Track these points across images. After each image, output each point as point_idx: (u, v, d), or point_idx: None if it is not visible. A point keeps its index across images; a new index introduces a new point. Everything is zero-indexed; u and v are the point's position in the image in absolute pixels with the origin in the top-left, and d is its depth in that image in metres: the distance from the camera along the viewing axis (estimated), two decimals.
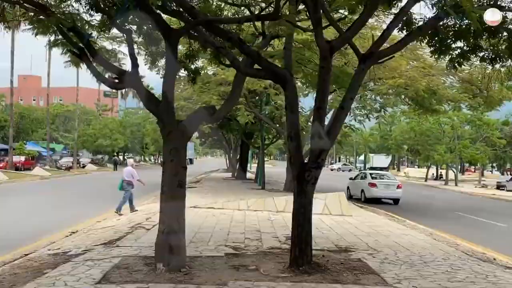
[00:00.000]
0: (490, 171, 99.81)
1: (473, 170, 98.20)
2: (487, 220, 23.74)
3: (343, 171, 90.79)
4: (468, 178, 77.17)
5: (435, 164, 68.71)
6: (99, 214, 19.57)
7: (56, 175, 51.18)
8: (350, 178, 35.16)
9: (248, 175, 49.93)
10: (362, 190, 30.74)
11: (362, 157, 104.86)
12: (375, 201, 29.09)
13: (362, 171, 47.40)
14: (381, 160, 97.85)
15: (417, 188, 49.53)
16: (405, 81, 22.35)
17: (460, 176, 70.82)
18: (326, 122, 12.69)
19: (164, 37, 10.18)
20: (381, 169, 68.41)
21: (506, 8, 9.04)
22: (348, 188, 33.15)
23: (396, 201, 30.23)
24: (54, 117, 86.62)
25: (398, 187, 30.42)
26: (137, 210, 19.74)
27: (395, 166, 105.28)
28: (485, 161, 67.21)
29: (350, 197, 30.26)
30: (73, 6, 9.95)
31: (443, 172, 68.16)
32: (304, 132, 26.14)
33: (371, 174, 33.33)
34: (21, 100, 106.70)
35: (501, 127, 66.78)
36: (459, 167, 73.40)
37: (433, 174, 74.49)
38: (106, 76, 11.51)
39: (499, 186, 53.73)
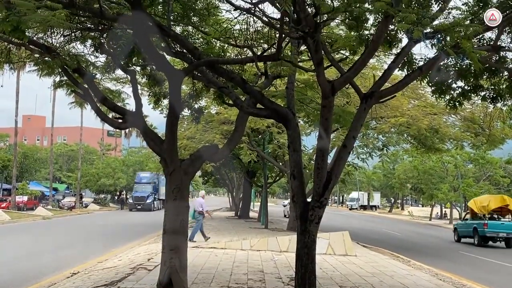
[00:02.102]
0: None
1: None
2: (493, 260, 23.43)
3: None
4: None
5: (439, 203, 68.26)
6: (101, 254, 19.40)
7: (58, 215, 50.94)
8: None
9: (251, 214, 49.61)
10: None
11: (353, 195, 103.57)
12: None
13: None
14: (364, 196, 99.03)
15: (422, 228, 49.11)
16: (407, 119, 22.45)
17: (464, 214, 70.18)
18: (329, 161, 12.70)
19: (168, 78, 10.30)
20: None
21: (506, 48, 9.15)
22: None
23: None
24: (58, 157, 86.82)
25: None
26: (209, 237, 22.14)
27: (398, 205, 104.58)
28: None
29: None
30: (78, 48, 10.10)
31: (447, 211, 67.65)
32: (307, 171, 26.11)
33: None
34: (25, 139, 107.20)
35: (504, 166, 66.54)
36: (463, 205, 72.79)
37: (437, 213, 73.90)
38: (110, 116, 11.60)
39: None
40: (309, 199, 9.90)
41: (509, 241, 30.04)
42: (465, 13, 8.55)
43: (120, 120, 10.57)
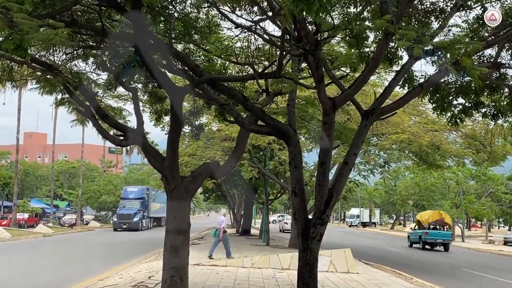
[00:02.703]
0: (496, 226, 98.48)
1: (479, 225, 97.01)
2: (496, 277, 23.26)
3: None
4: (475, 234, 76.14)
5: None
6: (101, 272, 19.29)
7: (59, 232, 50.72)
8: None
9: (253, 231, 49.38)
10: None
11: (352, 211, 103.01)
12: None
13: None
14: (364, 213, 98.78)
15: None
16: (408, 136, 22.46)
17: (467, 231, 69.94)
18: (330, 177, 12.69)
19: (169, 95, 10.34)
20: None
21: (506, 65, 9.19)
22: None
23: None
24: (59, 174, 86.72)
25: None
26: (233, 257, 22.09)
27: (401, 222, 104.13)
28: (491, 217, 66.46)
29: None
30: (80, 66, 10.16)
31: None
32: (308, 187, 26.06)
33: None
34: (27, 157, 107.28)
35: (506, 183, 66.40)
36: (465, 222, 72.53)
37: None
38: (111, 133, 11.62)
39: (507, 242, 52.87)
40: (310, 216, 9.87)
41: (445, 245, 40.15)
42: (465, 30, 8.60)
43: (121, 137, 10.58)
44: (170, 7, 9.87)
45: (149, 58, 9.17)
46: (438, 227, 41.29)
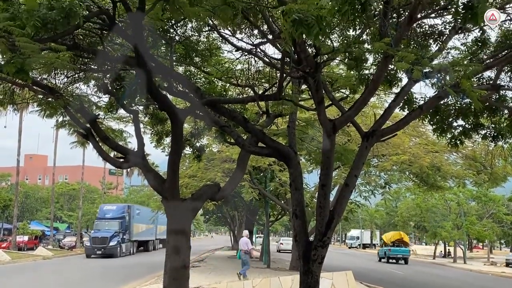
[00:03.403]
0: (498, 247, 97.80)
1: (481, 247, 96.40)
2: None
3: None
4: (477, 255, 75.59)
5: (442, 241, 67.60)
6: None
7: (59, 255, 50.37)
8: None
9: (253, 253, 49.04)
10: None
11: (352, 233, 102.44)
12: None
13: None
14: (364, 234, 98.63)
15: (426, 267, 48.45)
16: (409, 157, 22.45)
17: (469, 253, 69.43)
18: (331, 199, 12.65)
19: (170, 117, 10.37)
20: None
21: (506, 87, 9.23)
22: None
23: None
24: (59, 196, 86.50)
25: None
26: (247, 278, 21.86)
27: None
28: (493, 238, 66.10)
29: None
30: (81, 88, 10.23)
31: (451, 249, 66.92)
32: (309, 209, 25.97)
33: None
34: (27, 179, 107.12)
35: (507, 203, 66.16)
36: (467, 244, 72.09)
37: (441, 251, 73.09)
38: (112, 155, 11.63)
39: (509, 264, 52.50)
40: (311, 238, 9.82)
41: (405, 259, 50.01)
42: (464, 52, 8.66)
43: (122, 160, 10.59)
44: (171, 30, 9.97)
45: (150, 80, 9.22)
46: (398, 244, 51.09)
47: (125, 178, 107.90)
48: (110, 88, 10.34)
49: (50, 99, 9.58)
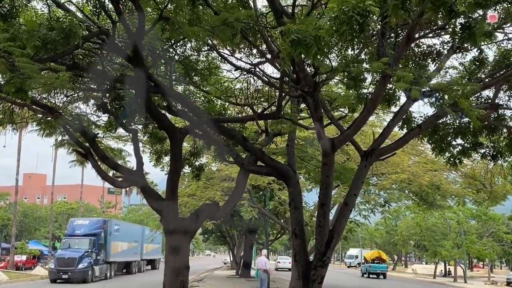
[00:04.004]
0: (499, 266, 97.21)
1: (481, 266, 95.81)
2: None
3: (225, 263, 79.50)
4: (477, 274, 75.04)
5: (442, 260, 67.20)
6: None
7: None
8: None
9: (252, 272, 48.72)
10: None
11: (351, 251, 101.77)
12: None
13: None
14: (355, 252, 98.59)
15: (427, 286, 48.10)
16: (408, 176, 22.42)
17: (469, 272, 68.94)
18: (331, 217, 12.61)
19: (169, 136, 10.38)
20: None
21: (504, 106, 9.26)
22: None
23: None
24: (58, 215, 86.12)
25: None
26: None
27: (402, 263, 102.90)
28: (493, 257, 65.72)
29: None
30: (80, 108, 10.25)
31: (451, 268, 66.49)
32: (308, 228, 25.86)
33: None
34: (26, 198, 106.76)
35: (507, 222, 65.91)
36: (467, 263, 71.64)
37: (441, 270, 72.62)
38: (111, 174, 11.62)
39: (509, 283, 52.13)
40: (311, 258, 9.77)
41: (384, 274, 57.21)
42: (462, 72, 8.70)
43: (120, 179, 10.57)
44: (171, 50, 10.02)
45: (149, 100, 9.24)
46: (378, 262, 58.71)
47: (124, 197, 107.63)
48: (109, 107, 10.36)
49: (49, 118, 9.59)
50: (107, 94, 10.27)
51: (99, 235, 39.05)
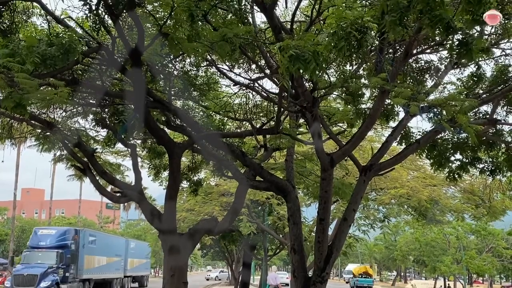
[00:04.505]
0: (498, 282, 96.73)
1: (481, 281, 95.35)
2: None
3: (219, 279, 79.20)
4: None
5: (442, 275, 66.86)
6: None
7: None
8: None
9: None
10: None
11: (349, 267, 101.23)
12: None
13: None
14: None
15: None
16: (407, 191, 22.37)
17: (469, 287, 68.66)
18: (330, 233, 12.56)
19: (168, 151, 10.37)
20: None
21: (502, 121, 9.28)
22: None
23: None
24: None
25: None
26: None
27: (401, 278, 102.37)
28: (493, 272, 65.44)
29: None
30: (79, 122, 10.26)
31: (451, 283, 66.17)
32: (307, 243, 25.75)
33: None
34: (23, 213, 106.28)
35: (507, 237, 65.72)
36: (467, 278, 71.32)
37: (441, 286, 72.22)
38: (109, 189, 11.59)
39: None
40: (310, 273, 9.71)
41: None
42: (460, 87, 8.74)
43: (118, 194, 10.55)
44: (170, 65, 10.06)
45: (148, 115, 9.25)
46: (365, 276, 63.26)
47: (122, 212, 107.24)
48: (108, 122, 10.37)
49: (48, 133, 9.59)
50: (106, 109, 10.29)
51: (68, 247, 31.88)
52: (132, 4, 7.32)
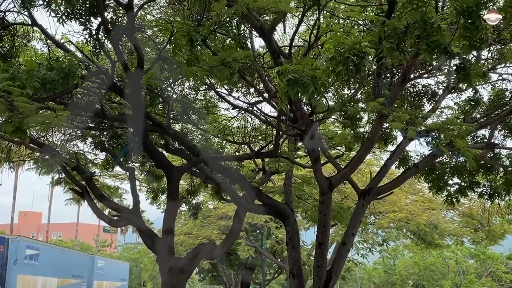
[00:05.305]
0: None
1: None
2: None
3: None
4: None
5: None
6: None
7: None
8: None
9: None
10: None
11: None
12: None
13: None
14: None
15: None
16: (406, 215, 22.32)
17: None
18: (329, 256, 12.49)
19: (166, 174, 10.36)
20: None
21: (500, 145, 9.31)
22: None
23: None
24: None
25: None
26: None
27: None
28: None
29: None
30: (78, 146, 10.27)
31: None
32: (306, 267, 25.57)
33: None
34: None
35: (506, 262, 65.31)
36: None
37: None
38: (107, 212, 11.55)
39: None
40: None
41: None
42: (457, 112, 8.79)
43: (116, 218, 10.51)
44: (169, 89, 10.10)
45: (147, 139, 9.26)
46: None
47: (119, 236, 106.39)
48: (107, 145, 10.38)
49: (46, 156, 9.59)
50: (105, 132, 10.30)
51: None
52: (131, 29, 7.39)
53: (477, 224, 22.92)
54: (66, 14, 7.17)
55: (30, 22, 7.89)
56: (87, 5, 7.24)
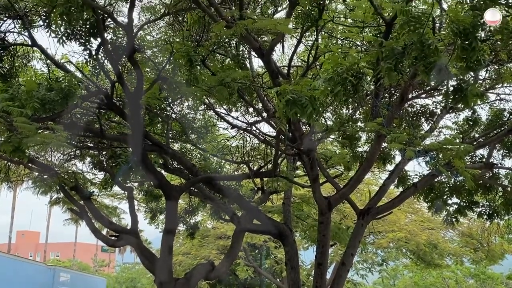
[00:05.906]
0: None
1: None
2: None
3: None
4: None
5: None
6: None
7: None
8: None
9: None
10: None
11: None
12: None
13: None
14: None
15: None
16: (405, 234, 22.22)
17: None
18: (328, 276, 12.41)
19: (165, 194, 10.34)
20: None
21: (498, 165, 9.32)
22: None
23: None
24: None
25: None
26: None
27: None
28: None
29: None
30: (77, 165, 10.26)
31: None
32: (305, 287, 25.39)
33: None
34: (18, 256, 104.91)
35: (506, 281, 64.91)
36: None
37: None
38: (105, 232, 11.50)
39: None
40: None
41: None
42: (455, 132, 8.81)
43: (114, 238, 10.46)
44: (168, 108, 10.13)
45: (146, 158, 9.26)
46: None
47: (117, 255, 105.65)
48: (105, 165, 10.37)
49: (45, 176, 9.57)
50: (104, 152, 10.30)
51: None
52: (131, 50, 7.44)
53: (477, 243, 22.81)
54: (66, 34, 7.23)
55: (30, 43, 7.95)
56: (87, 26, 7.30)
